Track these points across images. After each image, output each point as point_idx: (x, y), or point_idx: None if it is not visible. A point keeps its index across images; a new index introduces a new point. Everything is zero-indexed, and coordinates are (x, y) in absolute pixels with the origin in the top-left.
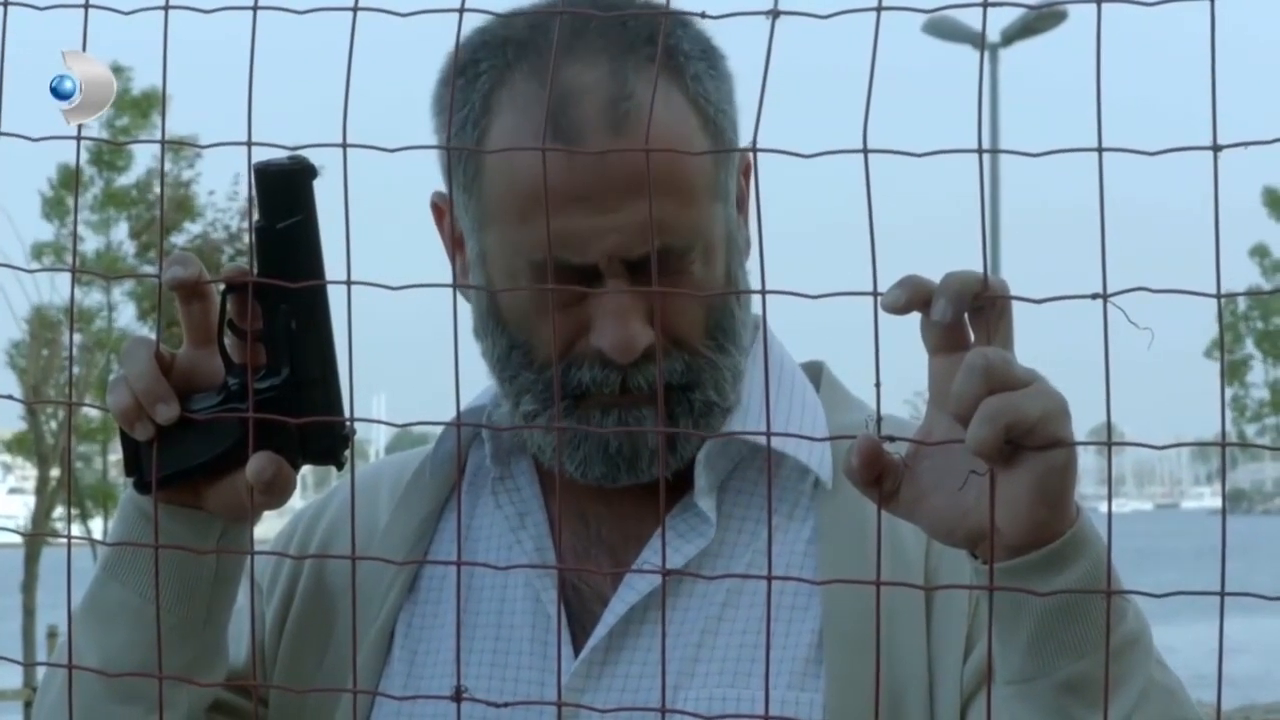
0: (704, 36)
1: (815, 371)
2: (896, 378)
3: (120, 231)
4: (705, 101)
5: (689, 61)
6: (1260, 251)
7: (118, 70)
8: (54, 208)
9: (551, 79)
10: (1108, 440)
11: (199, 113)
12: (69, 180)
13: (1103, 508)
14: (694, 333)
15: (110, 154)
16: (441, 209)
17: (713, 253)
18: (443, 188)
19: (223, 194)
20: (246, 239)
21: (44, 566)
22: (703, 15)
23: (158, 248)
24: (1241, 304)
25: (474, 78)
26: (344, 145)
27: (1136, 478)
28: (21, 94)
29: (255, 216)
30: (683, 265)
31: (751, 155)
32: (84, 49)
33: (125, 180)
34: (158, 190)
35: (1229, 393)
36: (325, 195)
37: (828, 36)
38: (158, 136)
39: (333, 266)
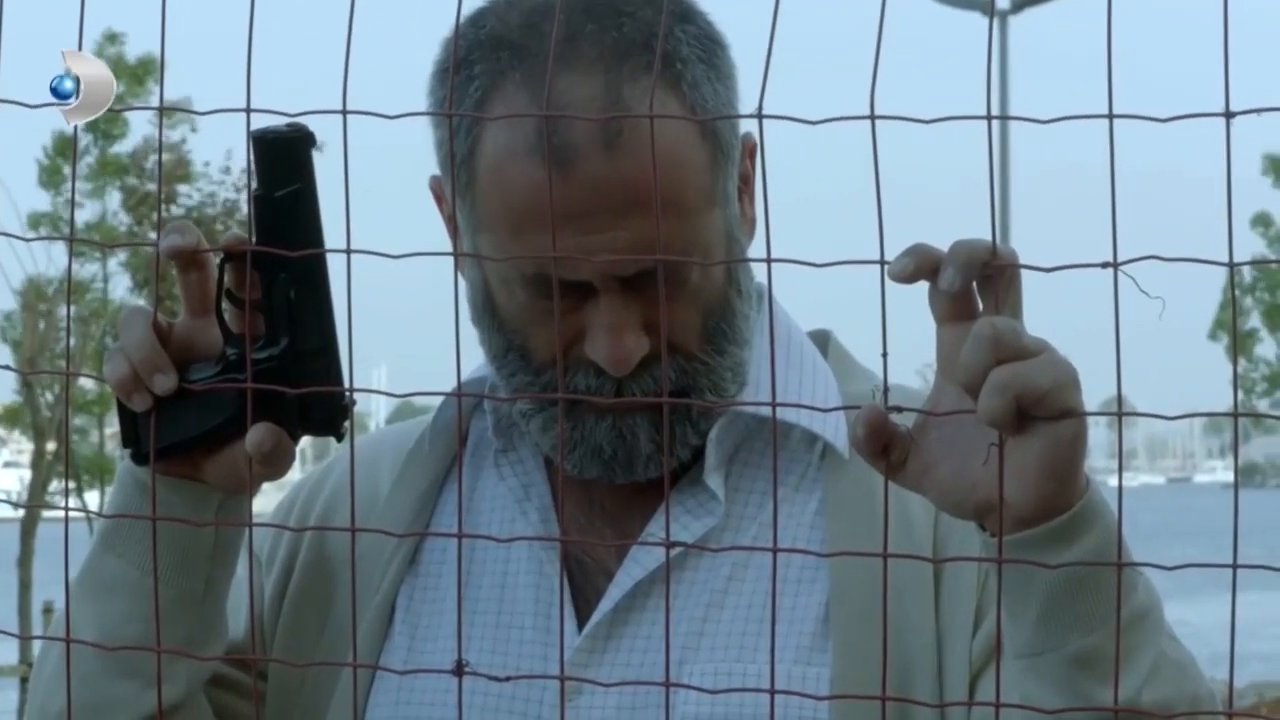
0: (704, 32)
1: (822, 340)
2: (907, 348)
3: (114, 200)
4: (703, 109)
5: (687, 66)
6: (1263, 221)
7: (113, 37)
8: (50, 176)
9: (546, 92)
10: (1118, 411)
11: (193, 79)
12: (65, 149)
13: (1113, 481)
14: (690, 338)
15: (106, 122)
16: (439, 194)
17: (710, 260)
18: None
19: (216, 166)
20: (243, 211)
21: (40, 541)
22: None
23: (156, 217)
24: (1247, 276)
25: (467, 80)
26: (344, 111)
27: (1148, 451)
28: (15, 60)
29: (253, 184)
30: (679, 276)
31: (757, 126)
32: (80, 14)
33: (121, 148)
34: (153, 159)
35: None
36: (325, 163)
37: (835, 6)
38: (153, 103)
39: (332, 236)
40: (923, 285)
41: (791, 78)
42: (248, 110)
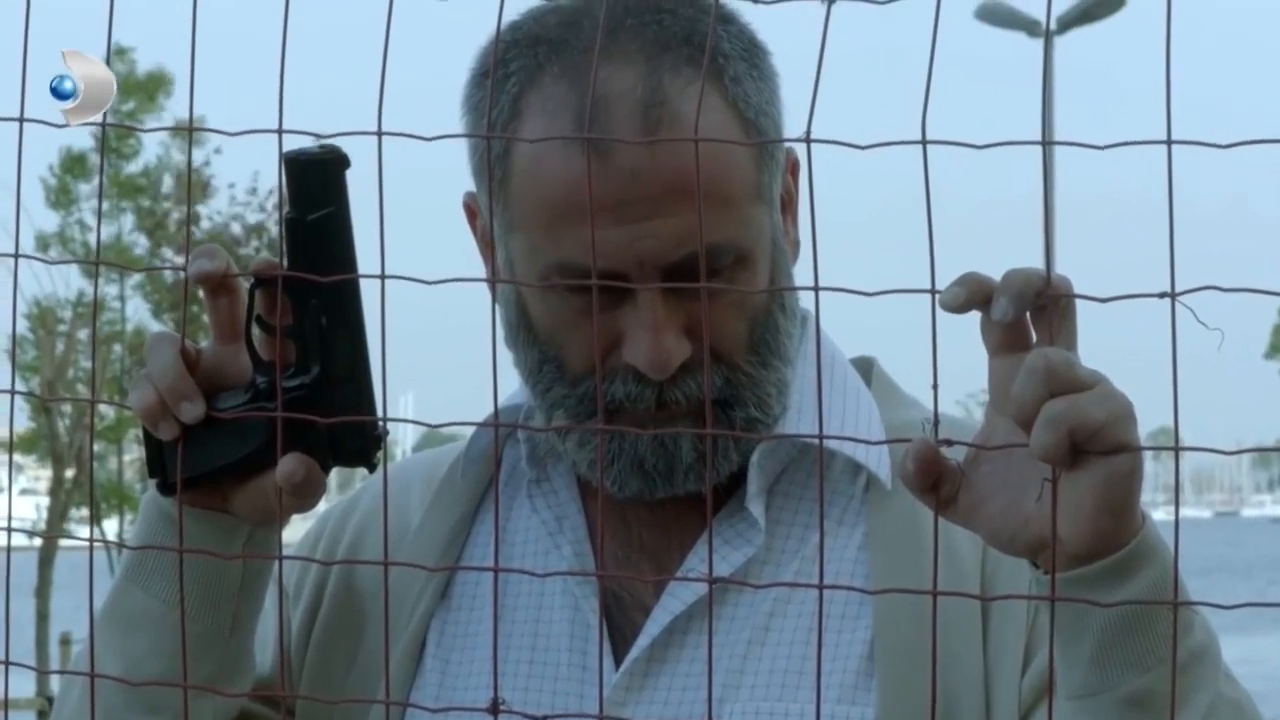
0: (747, 33)
1: (866, 368)
2: (950, 378)
3: (128, 221)
4: (745, 104)
5: (729, 62)
6: None
7: (120, 52)
8: (59, 196)
9: (584, 82)
10: (1175, 445)
11: (204, 94)
12: (73, 166)
13: (1157, 514)
14: (735, 346)
15: (117, 140)
16: (474, 210)
17: (753, 258)
18: (474, 187)
19: (242, 188)
20: (272, 233)
21: (57, 570)
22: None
23: (184, 240)
24: None
25: (503, 79)
26: (379, 133)
27: (1195, 484)
28: (15, 72)
29: (285, 208)
30: (722, 273)
31: (804, 149)
32: (110, 22)
33: (133, 168)
34: (168, 178)
35: None
36: (357, 185)
37: (875, 21)
38: (164, 120)
39: (365, 260)
40: (971, 313)
41: (834, 93)
42: (279, 131)
